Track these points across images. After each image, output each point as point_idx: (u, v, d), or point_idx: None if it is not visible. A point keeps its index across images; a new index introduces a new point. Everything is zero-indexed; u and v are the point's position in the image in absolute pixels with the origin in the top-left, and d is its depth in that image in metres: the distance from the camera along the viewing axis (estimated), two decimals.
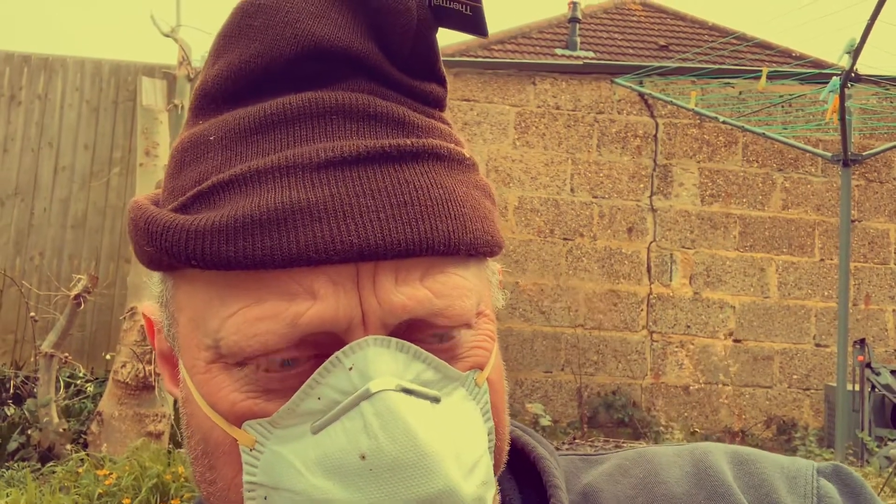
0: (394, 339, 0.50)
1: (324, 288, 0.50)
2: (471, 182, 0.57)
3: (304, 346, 0.51)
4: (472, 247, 0.55)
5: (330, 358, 0.49)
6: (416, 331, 0.53)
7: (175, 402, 5.32)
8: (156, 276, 0.60)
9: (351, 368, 0.49)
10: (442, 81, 0.59)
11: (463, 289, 0.54)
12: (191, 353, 0.55)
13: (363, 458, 0.47)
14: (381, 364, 0.49)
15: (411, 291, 0.51)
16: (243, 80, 0.55)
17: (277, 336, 0.50)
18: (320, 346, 0.51)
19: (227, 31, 0.57)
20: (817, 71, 6.90)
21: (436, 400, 0.51)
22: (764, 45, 8.76)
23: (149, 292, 0.65)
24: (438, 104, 0.59)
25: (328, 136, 0.52)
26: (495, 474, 0.56)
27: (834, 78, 4.57)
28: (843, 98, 4.58)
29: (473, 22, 0.57)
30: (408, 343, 0.51)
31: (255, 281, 0.50)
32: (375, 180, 0.51)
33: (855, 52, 4.40)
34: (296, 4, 0.54)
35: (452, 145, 0.57)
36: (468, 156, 0.58)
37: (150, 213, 0.54)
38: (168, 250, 0.52)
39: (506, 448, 0.59)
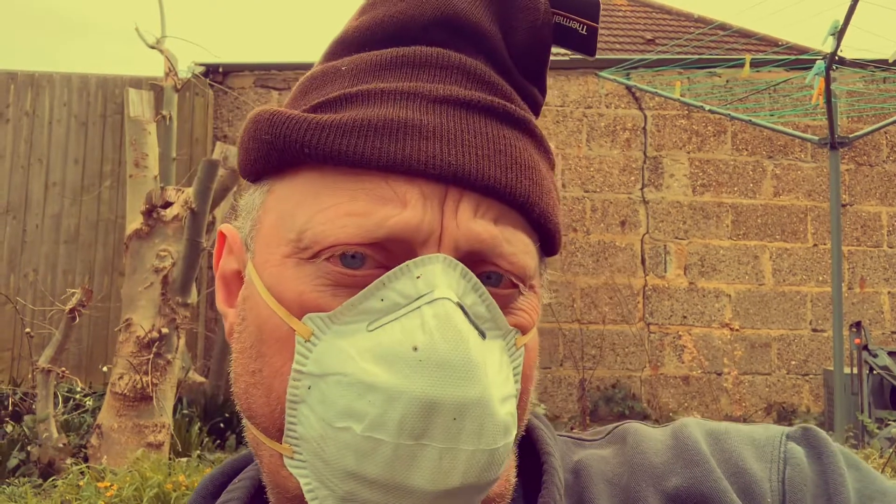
0: (460, 264, 0.54)
1: (415, 199, 0.54)
2: (550, 176, 0.62)
3: (379, 250, 0.54)
4: (544, 217, 0.59)
5: (400, 265, 0.53)
6: (479, 267, 0.56)
7: (175, 407, 5.31)
8: (247, 192, 0.65)
9: (419, 277, 0.53)
10: (543, 90, 0.65)
11: (529, 249, 0.59)
12: (268, 250, 0.59)
13: (415, 349, 0.50)
14: (446, 280, 0.53)
15: (487, 225, 0.56)
16: (381, 32, 0.61)
17: (362, 231, 0.54)
18: (393, 256, 0.55)
19: None
20: (800, 56, 6.92)
21: (482, 334, 0.54)
22: (747, 34, 8.79)
23: (148, 299, 0.68)
24: (535, 109, 0.64)
25: (447, 83, 0.58)
26: (514, 442, 0.58)
27: (819, 61, 4.58)
28: (828, 81, 4.59)
29: (586, 42, 0.63)
30: (470, 273, 0.54)
31: (353, 182, 0.55)
32: (480, 125, 0.57)
33: (839, 35, 4.41)
34: None
35: (543, 135, 0.62)
36: (551, 151, 0.64)
37: (275, 110, 0.59)
38: (286, 137, 0.57)
39: (524, 422, 0.62)
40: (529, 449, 0.67)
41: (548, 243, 0.63)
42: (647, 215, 7.45)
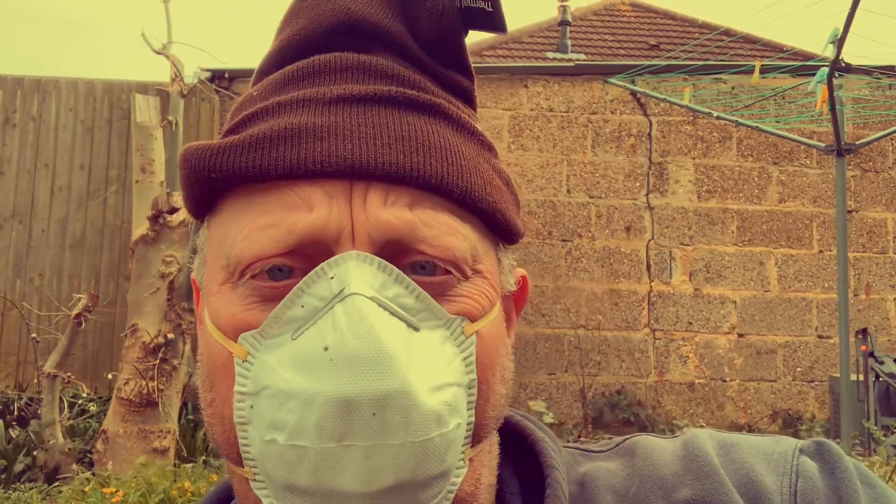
0: (377, 258, 0.53)
1: (320, 199, 0.54)
2: (482, 156, 0.61)
3: (297, 257, 0.55)
4: (468, 195, 0.58)
5: (315, 269, 0.53)
6: (403, 259, 0.55)
7: (180, 413, 5.31)
8: (200, 233, 0.65)
9: (332, 277, 0.52)
10: (468, 74, 0.64)
11: (453, 229, 0.57)
12: (210, 280, 0.60)
13: (326, 349, 0.49)
14: (360, 276, 0.52)
15: (398, 213, 0.55)
16: (289, 53, 0.62)
17: (275, 241, 0.54)
18: (311, 259, 0.54)
19: (285, 16, 0.65)
20: (806, 63, 6.92)
21: (413, 327, 0.53)
22: (752, 40, 8.79)
23: (154, 304, 0.70)
24: (465, 96, 0.64)
25: (345, 83, 0.58)
26: (478, 437, 0.57)
27: (822, 69, 4.58)
28: (831, 88, 4.59)
29: (494, 18, 0.62)
30: (390, 265, 0.54)
31: (264, 197, 0.56)
32: (379, 116, 0.57)
33: (839, 42, 4.41)
34: None
35: (464, 115, 0.61)
36: (483, 133, 0.63)
37: (190, 145, 0.60)
38: (195, 167, 0.58)
39: (493, 415, 0.60)
40: (533, 463, 0.65)
41: (497, 228, 0.61)
42: (652, 221, 7.44)
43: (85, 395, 6.34)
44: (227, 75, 7.66)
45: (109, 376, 6.15)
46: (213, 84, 7.58)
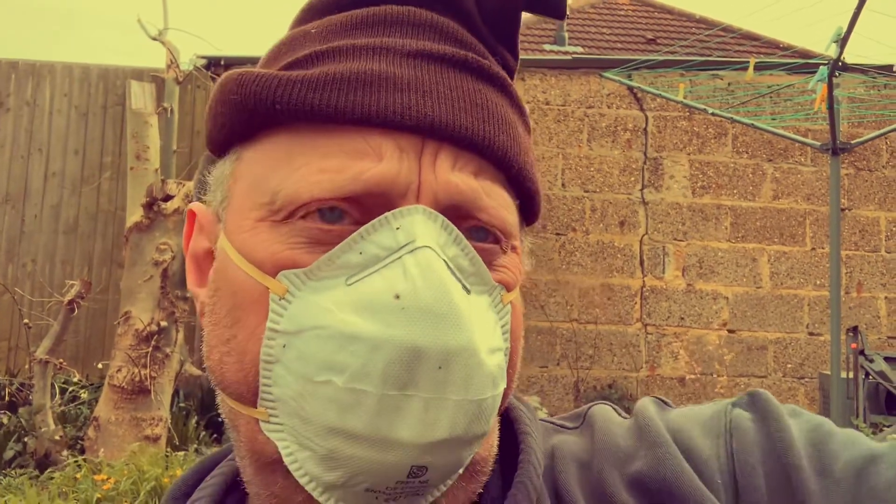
0: (441, 216, 0.53)
1: (391, 151, 0.53)
2: (528, 137, 0.62)
3: (356, 205, 0.53)
4: (522, 174, 0.59)
5: (378, 217, 0.52)
6: (461, 221, 0.55)
7: (172, 400, 5.30)
8: (215, 168, 0.63)
9: (398, 228, 0.51)
10: (515, 55, 0.64)
11: (507, 203, 0.58)
12: (240, 215, 0.57)
13: (397, 297, 0.49)
14: (426, 230, 0.52)
15: (466, 178, 0.55)
16: None
17: (337, 186, 0.52)
18: (368, 211, 0.53)
19: None
20: (804, 61, 6.93)
21: (466, 289, 0.53)
22: (750, 37, 8.80)
23: (147, 292, 0.67)
24: (508, 73, 0.63)
25: (419, 39, 0.57)
26: (502, 405, 0.58)
27: (822, 67, 4.58)
28: (831, 87, 4.60)
29: (555, 5, 0.63)
30: (452, 225, 0.53)
31: (326, 139, 0.54)
32: (456, 79, 0.56)
33: (842, 41, 4.42)
34: None
35: (518, 96, 0.62)
36: (528, 117, 0.63)
37: (243, 70, 0.58)
38: (256, 95, 0.55)
39: (512, 386, 0.60)
40: (508, 428, 0.65)
41: (527, 207, 0.62)
42: (646, 216, 7.46)
43: (77, 381, 6.33)
44: (222, 62, 7.63)
45: (100, 365, 6.15)
46: (208, 71, 7.55)
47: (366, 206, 0.53)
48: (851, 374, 6.01)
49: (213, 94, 0.61)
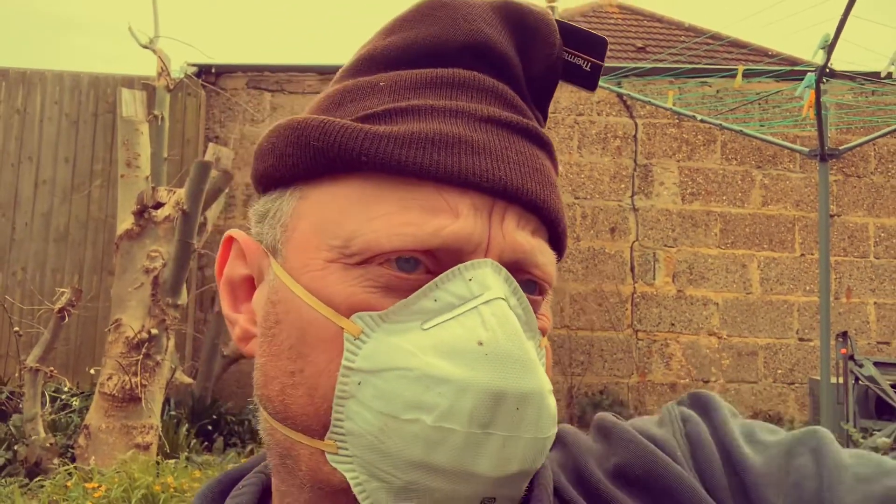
0: (504, 269, 0.58)
1: (467, 210, 0.57)
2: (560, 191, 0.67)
3: (429, 258, 0.57)
4: (563, 231, 0.65)
5: (451, 269, 0.56)
6: (518, 275, 0.60)
7: (163, 409, 5.28)
8: (263, 199, 0.66)
9: (471, 280, 0.56)
10: (544, 120, 0.69)
11: (553, 258, 0.64)
12: (305, 254, 0.60)
13: (480, 343, 0.53)
14: (495, 282, 0.56)
15: (527, 237, 0.60)
16: (413, 52, 0.64)
17: (417, 240, 0.56)
18: (440, 263, 0.57)
19: (408, 15, 0.66)
20: (791, 68, 6.98)
21: None
22: (739, 44, 8.85)
23: (138, 300, 0.67)
24: None
25: (484, 103, 0.62)
26: None
27: (809, 73, 4.62)
28: (818, 93, 4.64)
29: (590, 78, 0.68)
30: (512, 278, 0.58)
31: (405, 192, 0.58)
32: (519, 144, 0.61)
33: (829, 48, 4.45)
34: (475, 9, 0.64)
35: (555, 155, 0.68)
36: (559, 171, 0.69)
37: (324, 118, 0.61)
38: (342, 146, 0.58)
39: None
40: None
41: (557, 251, 0.67)
42: (636, 223, 7.49)
43: (67, 389, 6.31)
44: (213, 70, 7.63)
45: (92, 371, 6.13)
46: (199, 79, 7.56)
47: (438, 258, 0.57)
48: (841, 380, 6.04)
49: (278, 133, 0.64)
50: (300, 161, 0.61)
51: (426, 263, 0.57)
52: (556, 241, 0.65)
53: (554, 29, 0.65)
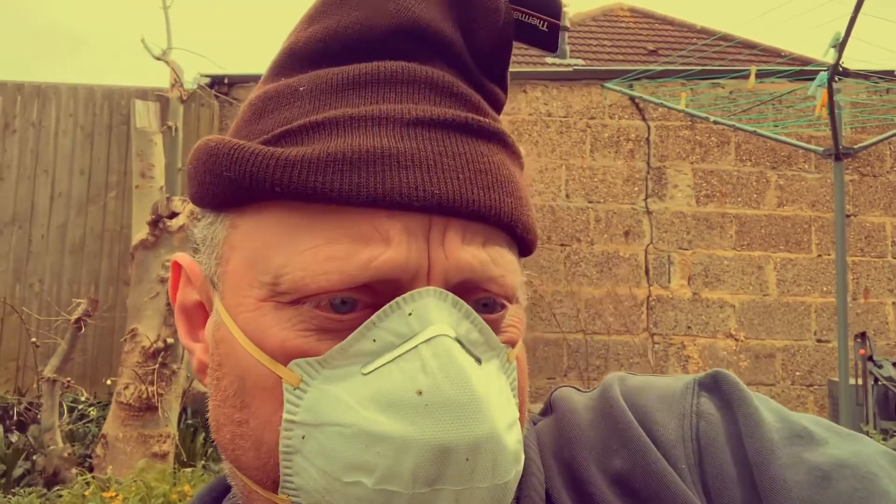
0: (451, 295, 0.52)
1: (399, 235, 0.52)
2: (522, 178, 0.61)
3: (364, 292, 0.52)
4: (526, 229, 0.58)
5: (390, 303, 0.51)
6: (470, 294, 0.55)
7: (180, 417, 5.30)
8: (202, 222, 0.61)
9: (410, 314, 0.51)
10: (505, 89, 0.62)
11: (513, 265, 0.57)
12: (239, 291, 0.56)
13: (420, 393, 0.48)
14: (439, 313, 0.51)
15: (476, 252, 0.54)
16: (337, 44, 0.57)
17: (346, 276, 0.51)
18: (379, 295, 0.52)
19: (328, 0, 0.59)
20: (804, 67, 6.94)
21: (478, 360, 0.53)
22: (750, 45, 8.81)
23: (153, 309, 0.66)
24: (498, 109, 0.62)
25: (415, 101, 0.55)
26: None
27: (821, 72, 4.59)
28: (831, 92, 4.60)
29: (548, 39, 0.61)
30: (461, 301, 0.53)
31: (330, 221, 0.52)
32: (457, 145, 0.54)
33: (840, 46, 4.42)
34: None
35: (513, 140, 0.60)
36: (520, 152, 0.62)
37: (234, 143, 0.55)
38: (253, 176, 0.53)
39: (524, 432, 0.60)
40: None
41: (524, 248, 0.62)
42: (650, 226, 7.46)
43: (84, 399, 6.34)
44: (226, 81, 7.67)
45: (109, 381, 6.15)
46: (212, 90, 7.60)
47: (377, 291, 0.52)
48: (860, 381, 5.98)
49: (196, 157, 0.58)
50: (219, 189, 0.56)
51: (364, 299, 0.52)
52: (520, 242, 0.59)
53: None
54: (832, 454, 0.56)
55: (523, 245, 0.60)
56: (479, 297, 0.55)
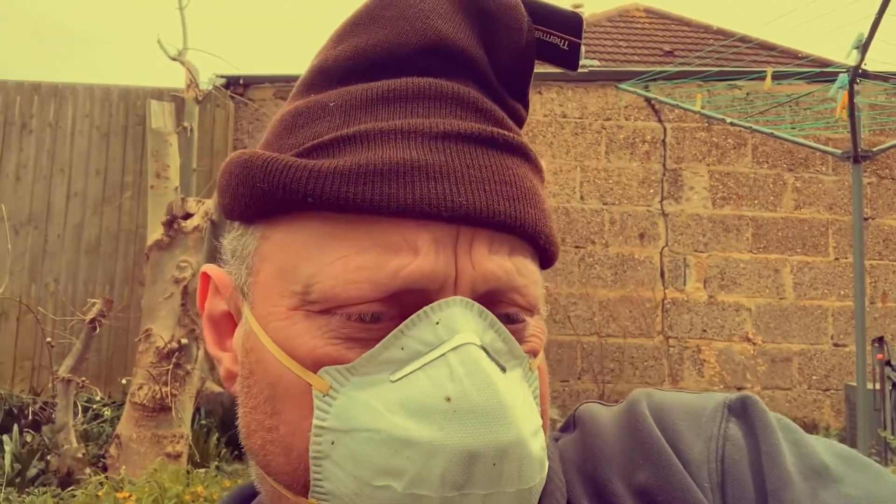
0: (477, 304, 0.53)
1: (427, 245, 0.53)
2: (544, 191, 0.62)
3: (393, 303, 0.53)
4: (548, 241, 0.60)
5: (418, 312, 0.52)
6: (496, 305, 0.56)
7: (193, 418, 5.31)
8: (231, 234, 0.63)
9: (438, 323, 0.52)
10: (527, 106, 0.64)
11: (535, 276, 0.59)
12: (270, 300, 0.57)
13: (448, 400, 0.49)
14: (466, 322, 0.52)
15: (502, 262, 0.55)
16: (366, 62, 0.59)
17: (376, 286, 0.52)
18: (406, 306, 0.53)
19: (356, 19, 0.61)
20: (822, 69, 6.88)
21: (503, 369, 0.54)
22: (768, 46, 8.76)
23: (168, 309, 0.66)
24: (520, 125, 0.63)
25: (442, 116, 0.57)
26: None
27: (842, 74, 4.54)
28: (852, 94, 4.56)
29: (568, 57, 0.63)
30: (487, 311, 0.54)
31: (360, 231, 0.54)
32: (484, 158, 0.56)
33: (863, 48, 4.38)
34: (428, 3, 0.59)
35: (535, 154, 0.62)
36: (541, 165, 0.63)
37: (268, 155, 0.57)
38: (286, 187, 0.54)
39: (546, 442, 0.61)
40: None
41: (545, 260, 0.63)
42: (666, 228, 7.42)
43: (99, 399, 6.36)
44: (241, 81, 7.69)
45: (123, 381, 6.18)
46: (227, 90, 7.61)
47: (404, 303, 0.53)
48: (878, 386, 5.92)
49: (229, 170, 0.60)
50: (251, 201, 0.58)
51: (392, 310, 0.53)
52: (542, 253, 0.61)
53: (519, 10, 0.60)
54: (847, 494, 0.56)
55: (545, 257, 0.62)
56: (504, 309, 0.56)
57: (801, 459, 0.59)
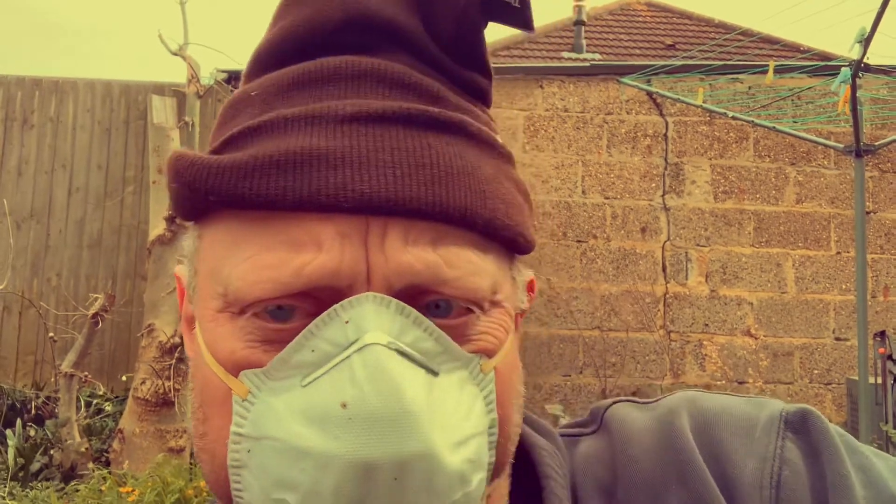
0: (394, 300, 0.49)
1: (330, 239, 0.49)
2: (502, 170, 0.56)
3: (304, 299, 0.50)
4: (491, 225, 0.53)
5: (328, 311, 0.48)
6: (421, 299, 0.51)
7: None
8: (189, 234, 0.61)
9: (347, 322, 0.48)
10: (486, 73, 0.58)
11: (476, 266, 0.52)
12: (204, 303, 0.55)
13: (344, 406, 0.45)
14: (377, 321, 0.48)
15: (421, 253, 0.50)
16: (290, 45, 0.56)
17: (279, 285, 0.49)
18: (321, 302, 0.50)
19: (286, 0, 0.58)
20: (824, 63, 6.87)
21: (433, 372, 0.49)
22: (770, 40, 8.74)
23: (170, 304, 0.65)
24: (481, 96, 0.59)
25: (361, 95, 0.52)
26: (497, 473, 0.54)
27: (844, 68, 4.53)
28: (854, 88, 4.55)
29: (521, 16, 0.57)
30: (409, 307, 0.49)
31: (270, 228, 0.50)
32: (397, 139, 0.51)
33: (866, 41, 4.36)
34: None
35: (485, 128, 0.56)
36: (502, 144, 0.57)
37: (179, 154, 0.55)
38: (190, 185, 0.52)
39: (511, 448, 0.57)
40: (530, 471, 0.61)
41: (517, 248, 0.58)
42: (668, 222, 7.41)
43: (101, 394, 6.38)
44: (243, 76, 7.67)
45: (125, 377, 6.19)
46: (229, 85, 7.60)
47: (317, 298, 0.50)
48: (879, 380, 5.92)
49: (167, 168, 0.58)
50: (180, 200, 0.55)
51: (304, 307, 0.50)
52: (496, 237, 0.54)
53: None
54: None
55: (512, 245, 0.57)
56: (433, 299, 0.51)
57: (871, 492, 0.54)
